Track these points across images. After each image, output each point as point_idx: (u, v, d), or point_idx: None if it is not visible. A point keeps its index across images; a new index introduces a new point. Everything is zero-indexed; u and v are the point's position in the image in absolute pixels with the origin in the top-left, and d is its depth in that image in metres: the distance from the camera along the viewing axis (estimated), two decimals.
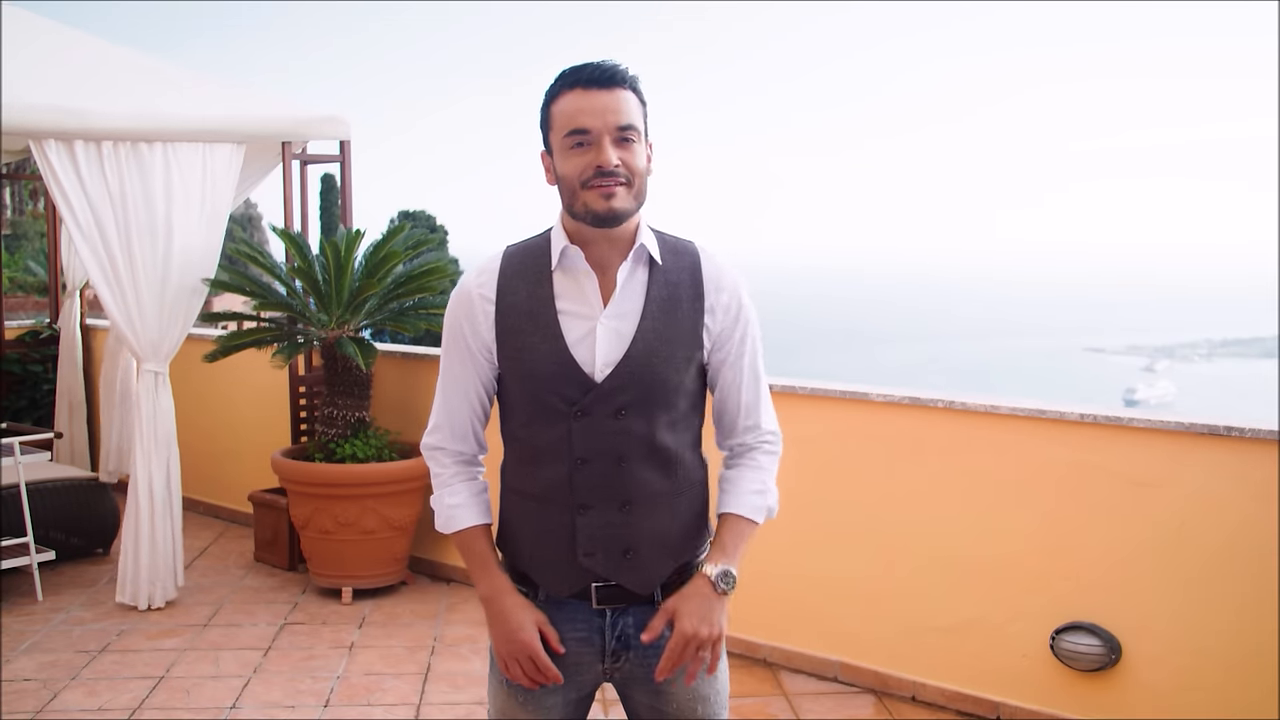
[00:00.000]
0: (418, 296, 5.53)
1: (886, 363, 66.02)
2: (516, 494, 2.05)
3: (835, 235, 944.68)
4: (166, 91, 5.60)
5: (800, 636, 4.49)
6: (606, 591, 2.00)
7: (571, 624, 2.02)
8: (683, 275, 1.99)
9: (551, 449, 1.97)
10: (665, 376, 1.95)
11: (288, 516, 5.61)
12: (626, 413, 1.94)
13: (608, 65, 1.89)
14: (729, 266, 2.04)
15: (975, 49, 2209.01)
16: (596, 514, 1.96)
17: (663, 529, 2.00)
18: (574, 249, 1.94)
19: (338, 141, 6.09)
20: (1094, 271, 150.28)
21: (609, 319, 1.94)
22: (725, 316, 2.00)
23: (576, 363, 1.92)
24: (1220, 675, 3.59)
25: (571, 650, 2.02)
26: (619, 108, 1.87)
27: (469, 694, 4.26)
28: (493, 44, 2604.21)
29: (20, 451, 5.29)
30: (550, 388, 1.93)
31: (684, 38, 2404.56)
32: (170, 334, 5.26)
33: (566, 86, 1.90)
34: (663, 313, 1.95)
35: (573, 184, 1.89)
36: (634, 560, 1.98)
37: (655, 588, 2.02)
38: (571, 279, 1.96)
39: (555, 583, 2.01)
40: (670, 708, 2.05)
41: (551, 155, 1.94)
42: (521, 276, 1.97)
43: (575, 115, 1.87)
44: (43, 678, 4.42)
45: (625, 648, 2.02)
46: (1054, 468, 3.89)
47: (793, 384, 4.41)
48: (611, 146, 1.87)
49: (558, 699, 2.05)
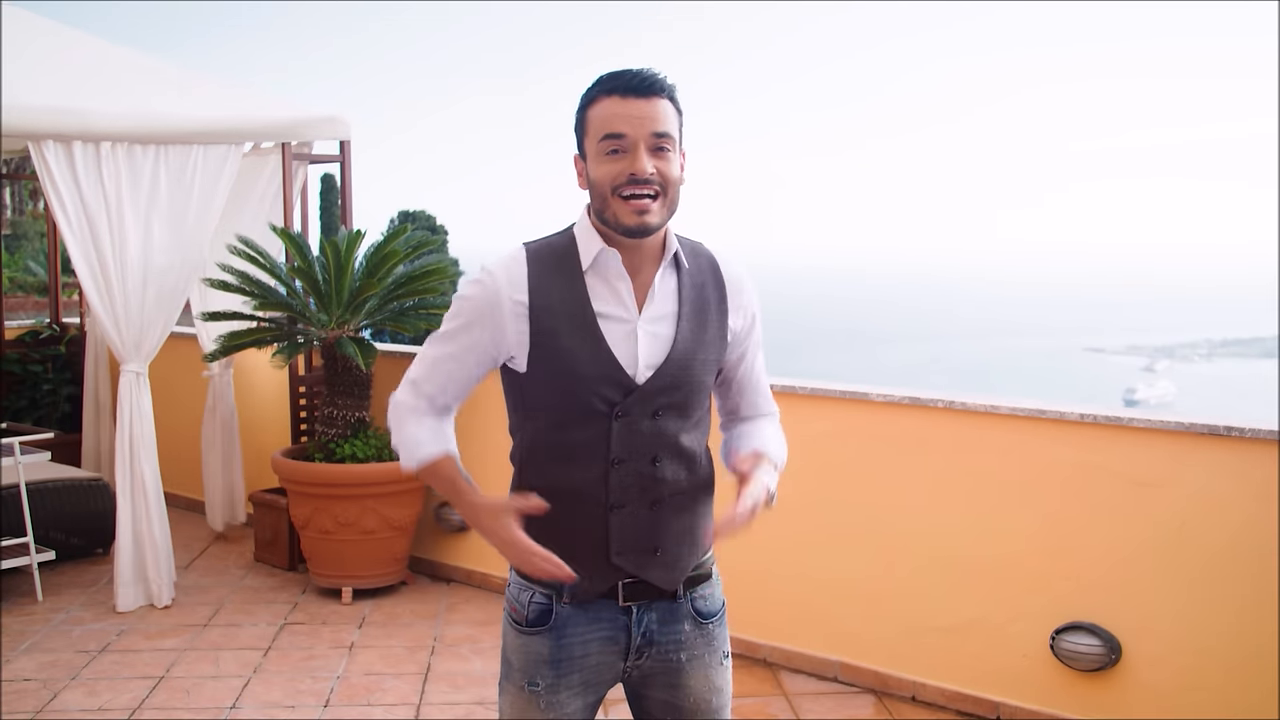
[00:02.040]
0: (418, 297, 5.53)
1: (887, 363, 66.01)
2: (540, 492, 2.00)
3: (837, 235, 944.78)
4: (166, 92, 5.61)
5: (800, 636, 4.48)
6: (633, 588, 2.01)
7: (596, 624, 2.02)
8: (705, 277, 2.03)
9: (587, 449, 1.96)
10: (701, 378, 2.00)
11: (288, 516, 5.61)
12: (663, 414, 1.97)
13: (647, 73, 1.89)
14: (739, 263, 2.10)
15: (975, 49, 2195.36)
16: (628, 513, 1.98)
17: (687, 525, 2.03)
18: (611, 252, 1.94)
19: (338, 141, 6.09)
20: (1094, 271, 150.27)
21: (647, 323, 1.96)
22: (746, 318, 2.08)
23: (620, 364, 1.93)
24: (1221, 675, 3.58)
25: (594, 652, 2.02)
26: (656, 115, 1.88)
27: (469, 694, 4.26)
28: (493, 44, 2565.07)
29: (20, 451, 5.28)
30: (591, 389, 1.93)
31: (684, 38, 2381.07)
32: (151, 335, 5.26)
33: (604, 92, 1.90)
34: (695, 316, 2.00)
35: (604, 190, 1.90)
36: (663, 558, 2.01)
37: (679, 584, 2.04)
38: (604, 282, 1.96)
39: (584, 583, 1.99)
40: (687, 701, 2.07)
41: (585, 159, 1.94)
42: (552, 277, 1.96)
43: (611, 120, 1.88)
44: (43, 678, 4.42)
45: (649, 644, 2.04)
46: (1054, 468, 3.89)
47: (794, 384, 4.41)
48: (647, 155, 1.87)
49: (579, 702, 2.04)
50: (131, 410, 5.21)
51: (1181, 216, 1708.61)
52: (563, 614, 2.01)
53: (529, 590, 2.04)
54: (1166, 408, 33.31)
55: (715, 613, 2.10)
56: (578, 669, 2.02)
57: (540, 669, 2.02)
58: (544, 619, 2.02)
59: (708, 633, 2.08)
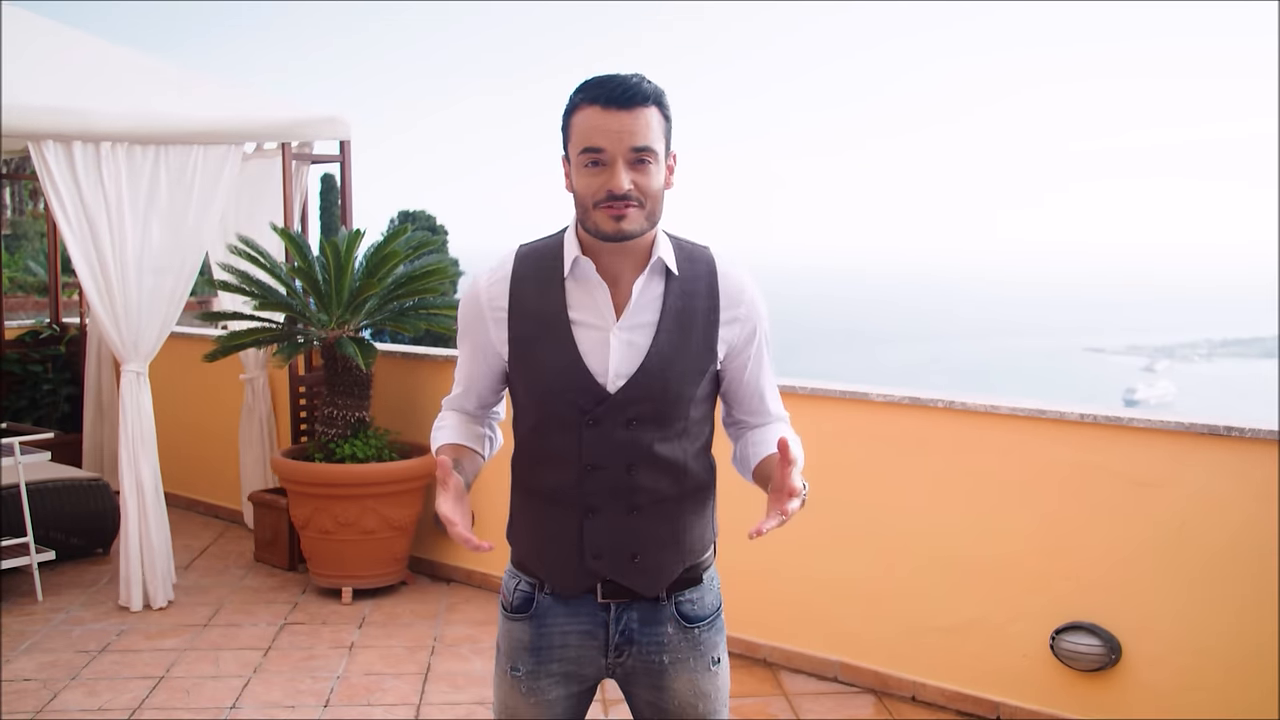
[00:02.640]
0: (418, 297, 5.53)
1: (887, 363, 66.00)
2: (525, 492, 2.07)
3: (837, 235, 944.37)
4: (166, 92, 5.60)
5: (800, 636, 4.48)
6: (611, 588, 2.01)
7: (575, 618, 2.03)
8: (699, 285, 1.99)
9: (561, 453, 1.97)
10: (679, 390, 1.96)
11: (288, 516, 5.61)
12: (637, 423, 1.95)
13: (630, 83, 1.85)
14: (743, 271, 2.05)
15: (975, 49, 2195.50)
16: (604, 518, 1.97)
17: (669, 533, 2.01)
18: (585, 260, 1.93)
19: (338, 141, 6.10)
20: (1094, 271, 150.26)
21: (623, 330, 1.94)
22: (744, 328, 2.02)
23: (590, 372, 1.93)
24: (1221, 675, 3.58)
25: (574, 644, 2.03)
26: (636, 129, 1.84)
27: (469, 694, 4.26)
28: (493, 44, 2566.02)
29: (20, 451, 5.28)
30: (562, 396, 1.94)
31: (684, 38, 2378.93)
32: (150, 335, 5.26)
33: (587, 101, 1.86)
34: (678, 326, 1.96)
35: (585, 201, 1.88)
36: (641, 563, 2.00)
37: (662, 590, 2.03)
38: (583, 288, 1.95)
39: (562, 582, 2.02)
40: (672, 704, 2.06)
41: (568, 163, 1.93)
42: (534, 282, 1.97)
43: (590, 134, 1.85)
44: (43, 678, 4.42)
45: (628, 643, 2.03)
46: (1054, 468, 3.89)
47: (794, 384, 4.41)
48: (625, 169, 1.84)
49: (560, 691, 2.06)
50: (134, 410, 5.21)
51: (1181, 216, 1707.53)
52: (544, 603, 2.04)
53: (516, 578, 2.09)
54: (1166, 408, 33.28)
55: (704, 618, 2.07)
56: (557, 658, 2.04)
57: (521, 655, 2.05)
58: (526, 606, 2.05)
59: (693, 638, 2.05)
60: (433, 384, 5.71)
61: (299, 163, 6.07)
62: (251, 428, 6.34)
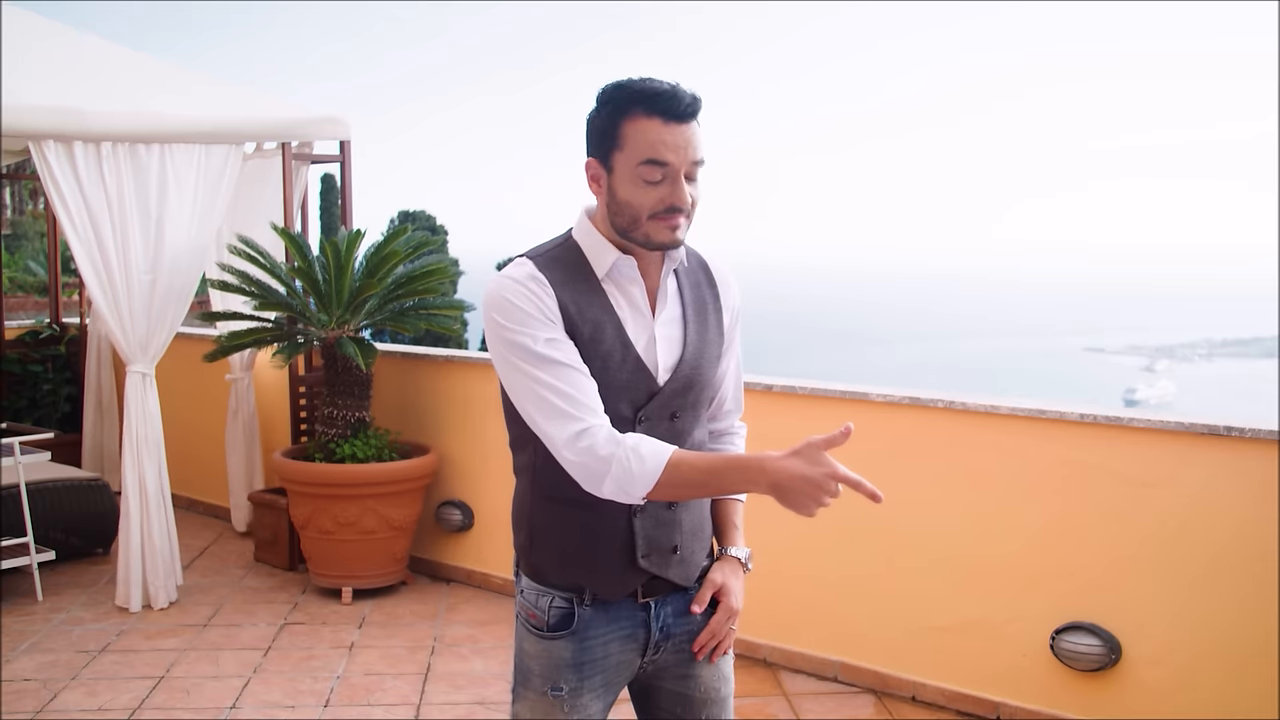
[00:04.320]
0: (418, 297, 5.53)
1: (887, 363, 66.00)
2: (558, 501, 1.97)
3: (837, 235, 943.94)
4: (166, 92, 5.61)
5: (800, 636, 4.48)
6: (651, 584, 2.03)
7: (616, 624, 2.02)
8: (699, 276, 2.07)
9: None
10: (709, 377, 2.04)
11: (288, 516, 5.61)
12: (679, 415, 1.99)
13: (689, 98, 1.85)
14: (722, 259, 2.13)
15: (975, 49, 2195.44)
16: (650, 515, 2.00)
17: (699, 521, 2.08)
18: (627, 260, 1.94)
19: (338, 142, 6.10)
20: (1095, 271, 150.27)
21: (662, 325, 1.98)
22: (733, 314, 2.11)
23: (648, 368, 1.95)
24: (1220, 675, 3.58)
25: (615, 652, 2.03)
26: (695, 142, 1.86)
27: (469, 694, 4.26)
28: (493, 44, 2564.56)
29: (20, 451, 5.29)
30: (622, 394, 1.93)
31: (684, 38, 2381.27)
32: (158, 335, 5.27)
33: (646, 112, 1.83)
34: (698, 315, 2.03)
35: (638, 213, 1.87)
36: (680, 555, 2.04)
37: (694, 579, 2.08)
38: (620, 288, 1.96)
39: (609, 587, 2.00)
40: (698, 691, 2.10)
41: (606, 167, 1.88)
42: (571, 286, 1.92)
43: (656, 147, 1.83)
44: (43, 678, 4.42)
45: (666, 637, 2.07)
46: (1054, 468, 3.89)
47: (793, 384, 4.41)
48: (686, 183, 1.86)
49: (600, 704, 2.05)
50: (140, 411, 5.21)
51: (1182, 217, 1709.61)
52: (584, 616, 2.00)
53: (548, 595, 2.01)
54: (1166, 408, 33.28)
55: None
56: (600, 670, 2.02)
57: (564, 673, 2.00)
58: (566, 623, 1.99)
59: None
60: (433, 384, 5.71)
61: (299, 163, 6.07)
62: (236, 430, 6.32)
